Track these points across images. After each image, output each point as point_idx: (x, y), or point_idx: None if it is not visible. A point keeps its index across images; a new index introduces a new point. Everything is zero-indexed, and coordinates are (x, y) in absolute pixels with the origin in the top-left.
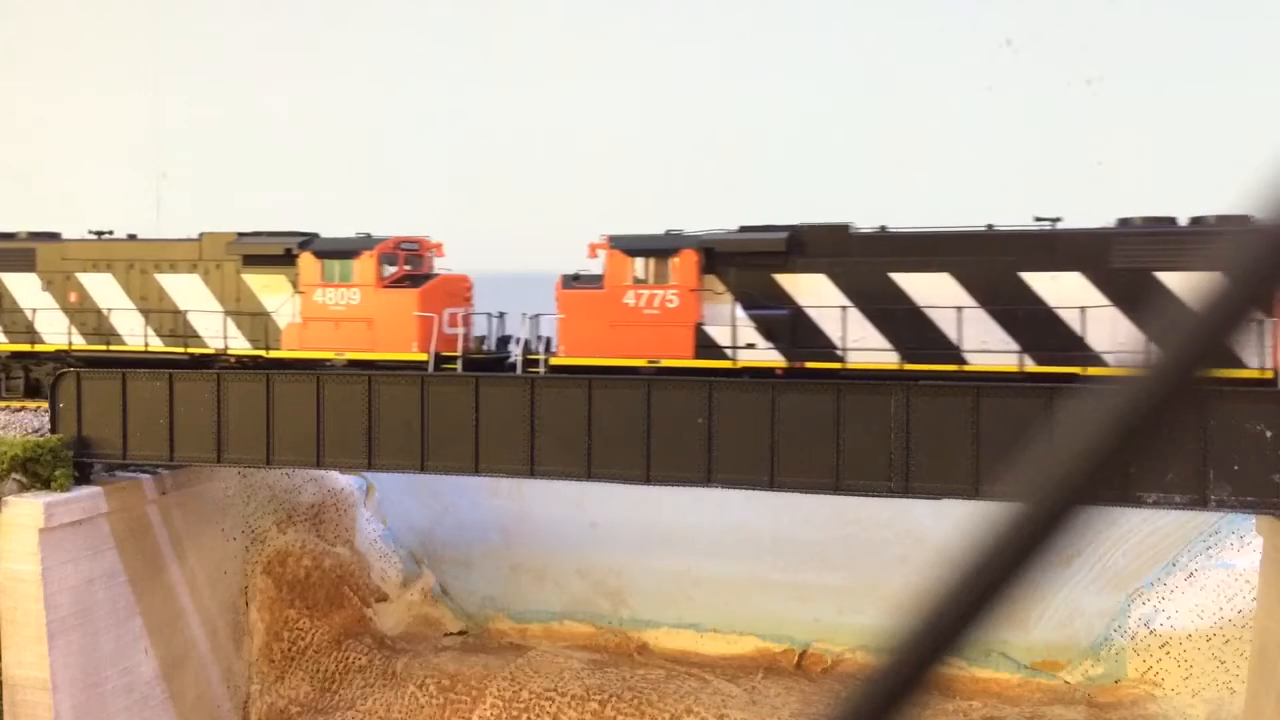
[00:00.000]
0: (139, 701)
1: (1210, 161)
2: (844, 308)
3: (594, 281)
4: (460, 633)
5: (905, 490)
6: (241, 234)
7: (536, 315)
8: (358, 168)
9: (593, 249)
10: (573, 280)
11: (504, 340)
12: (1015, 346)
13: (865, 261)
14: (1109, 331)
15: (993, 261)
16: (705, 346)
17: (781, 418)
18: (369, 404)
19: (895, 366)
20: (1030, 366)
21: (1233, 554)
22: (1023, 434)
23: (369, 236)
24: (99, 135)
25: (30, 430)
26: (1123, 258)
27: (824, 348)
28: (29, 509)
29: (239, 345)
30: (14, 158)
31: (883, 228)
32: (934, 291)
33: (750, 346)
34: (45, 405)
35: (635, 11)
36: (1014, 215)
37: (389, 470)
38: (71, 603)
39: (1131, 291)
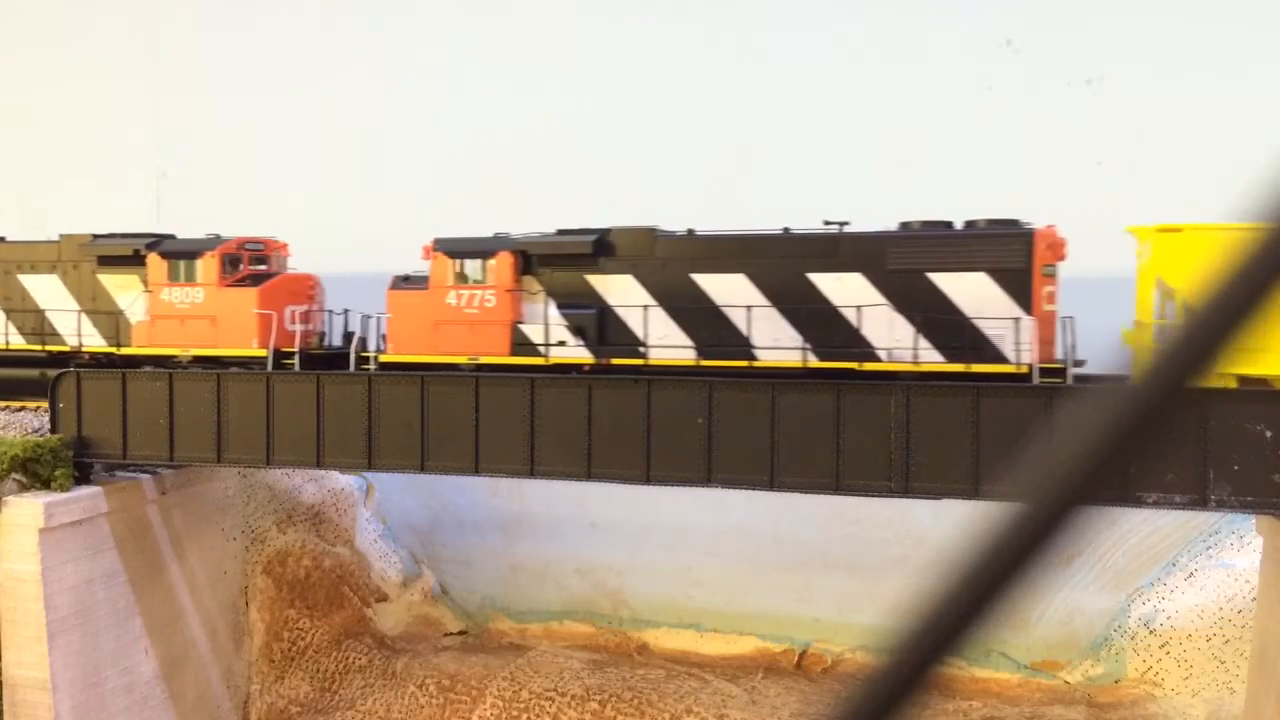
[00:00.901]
0: (139, 701)
1: (1210, 161)
2: (646, 307)
3: (422, 282)
4: (460, 633)
5: (905, 490)
6: (96, 235)
7: (369, 316)
8: (358, 167)
9: (425, 251)
10: (403, 281)
11: (349, 337)
12: (803, 343)
13: (669, 263)
14: (885, 328)
15: (783, 263)
16: (521, 344)
17: (781, 418)
18: (369, 404)
19: (692, 363)
20: (813, 362)
21: (1233, 554)
22: (1023, 434)
23: (217, 237)
24: (99, 135)
25: (30, 430)
26: (898, 259)
27: (628, 344)
28: (29, 509)
29: (94, 343)
30: (14, 158)
31: (691, 231)
32: (730, 291)
33: (561, 344)
34: (45, 405)
35: (634, 10)
36: (1013, 215)
37: (389, 470)
38: (71, 603)
39: (906, 291)
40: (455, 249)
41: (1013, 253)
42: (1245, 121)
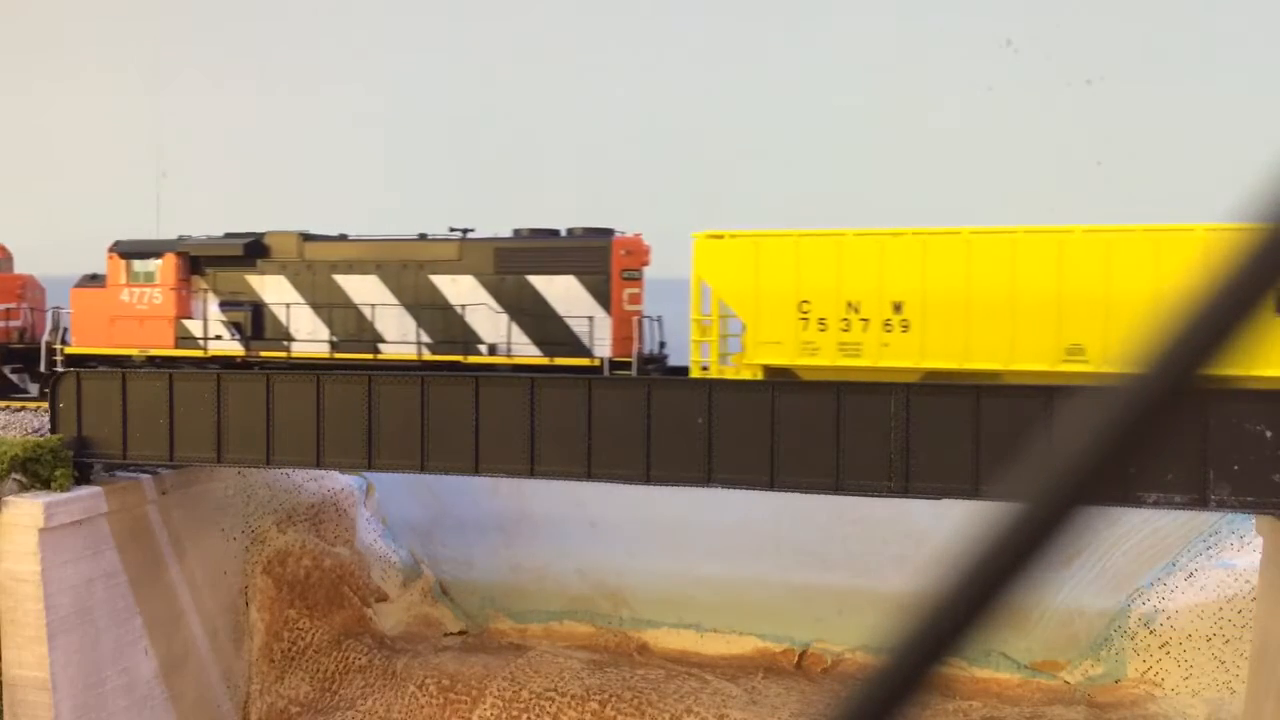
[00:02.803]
0: (139, 701)
1: (1210, 161)
2: (289, 305)
3: (103, 281)
4: (460, 633)
5: (905, 490)
6: None
7: (58, 308)
8: (358, 167)
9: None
10: (89, 280)
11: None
12: (426, 339)
13: (315, 265)
14: (492, 325)
15: (410, 265)
16: (183, 338)
17: (781, 418)
18: (369, 404)
19: (326, 356)
20: (427, 355)
21: (1233, 554)
22: (1023, 434)
23: None
24: (99, 135)
25: (30, 430)
26: (504, 264)
27: (275, 339)
28: (29, 509)
29: None
30: (14, 158)
31: (344, 236)
32: (366, 290)
33: (218, 338)
34: (45, 405)
35: (633, 9)
36: (1013, 215)
37: (389, 470)
38: (71, 603)
39: (511, 292)
40: (128, 250)
41: (595, 259)
42: (1245, 121)
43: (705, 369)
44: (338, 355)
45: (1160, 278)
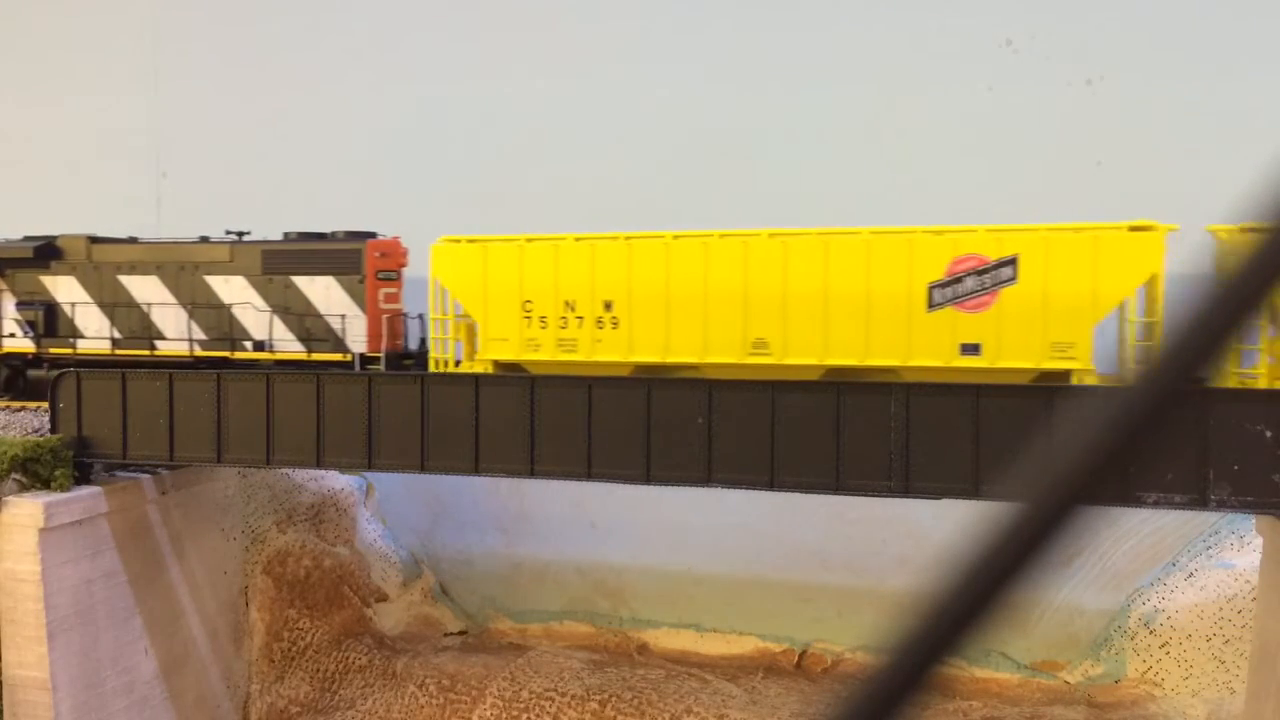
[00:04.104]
0: (139, 701)
1: (1210, 162)
2: (76, 304)
3: None
4: (460, 633)
5: (905, 490)
6: None
7: None
8: (359, 167)
9: None
10: None
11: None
12: (199, 336)
13: (102, 266)
14: (261, 324)
15: (187, 267)
16: None
17: (781, 418)
18: (369, 404)
19: (108, 353)
20: (199, 351)
21: (1233, 554)
22: (1023, 434)
23: None
24: (99, 135)
25: (30, 430)
26: (270, 265)
27: (65, 336)
28: (29, 509)
29: None
30: (14, 158)
31: (134, 238)
32: (147, 290)
33: (13, 335)
34: (45, 405)
35: (632, 8)
36: (1014, 215)
37: (389, 470)
38: (71, 603)
39: (278, 292)
40: None
41: (350, 261)
42: (1245, 121)
43: (458, 364)
44: (119, 352)
45: (829, 276)
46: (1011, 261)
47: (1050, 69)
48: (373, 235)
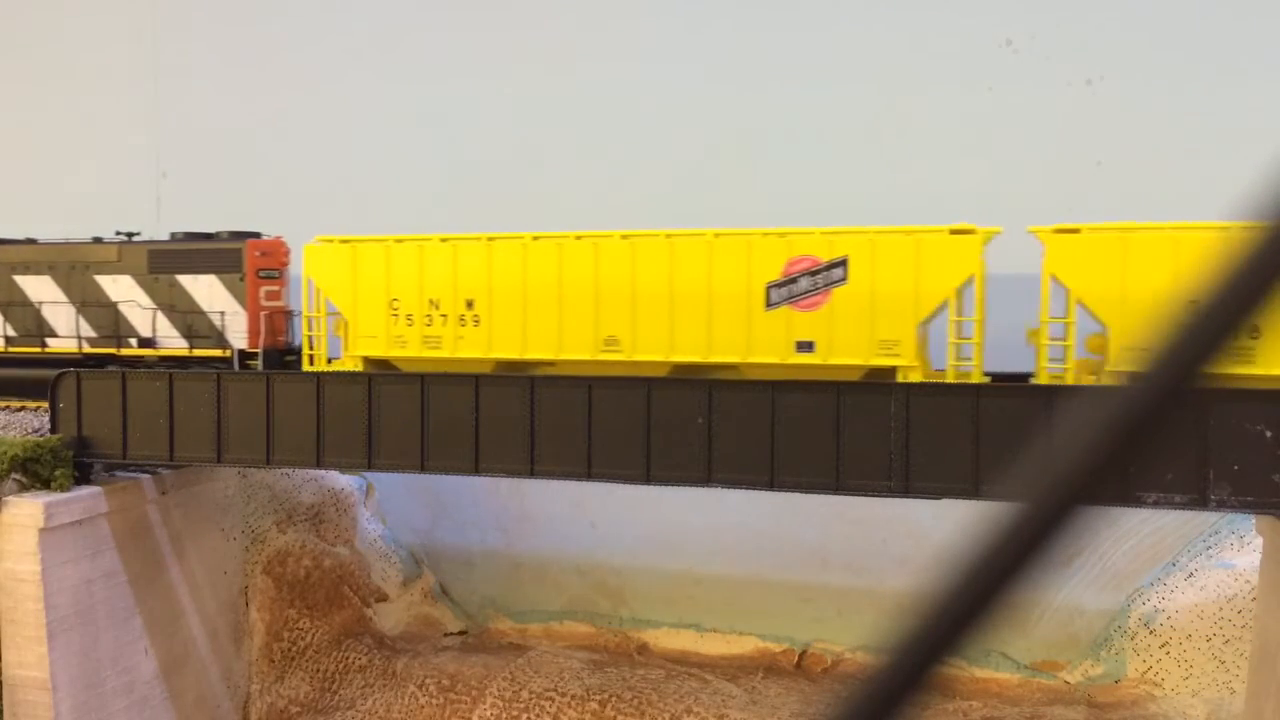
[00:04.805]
0: (139, 701)
1: (1210, 162)
2: None
3: None
4: (460, 633)
5: (905, 490)
6: None
7: None
8: (359, 168)
9: None
10: None
11: None
12: (88, 334)
13: None
14: (148, 321)
15: (78, 266)
16: None
17: (781, 418)
18: (369, 404)
19: (2, 350)
20: (88, 349)
21: (1233, 554)
22: (1023, 434)
23: None
24: (99, 135)
25: (30, 430)
26: (157, 264)
27: None
28: (29, 509)
29: None
30: (14, 158)
31: (31, 239)
32: (41, 290)
33: None
34: (45, 405)
35: (631, 9)
36: (1013, 215)
37: (389, 470)
38: (71, 603)
39: (165, 290)
40: None
41: (232, 260)
42: (1245, 121)
43: (330, 361)
44: (9, 349)
45: (675, 277)
46: (842, 263)
47: (1050, 69)
48: (257, 235)
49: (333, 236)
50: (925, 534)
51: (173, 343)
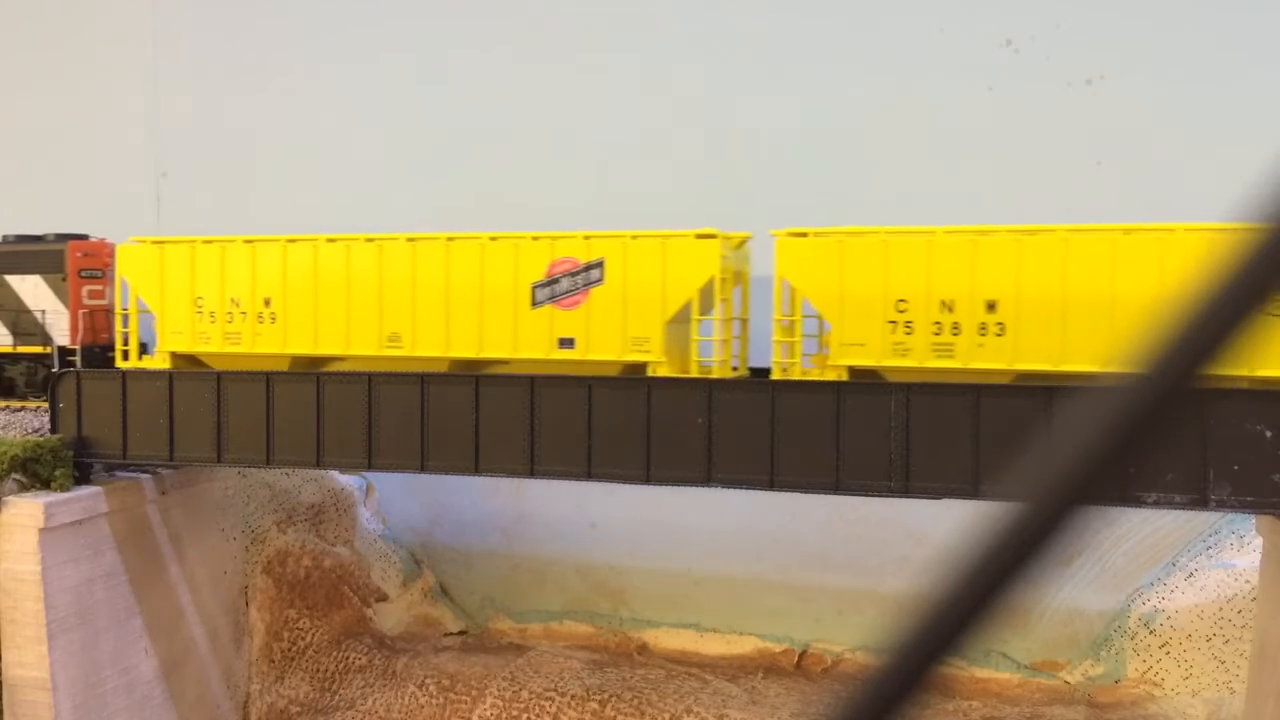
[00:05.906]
0: (139, 701)
1: (1210, 161)
2: None
3: None
4: (460, 633)
5: (905, 490)
6: None
7: None
8: (360, 168)
9: None
10: None
11: None
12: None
13: None
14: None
15: None
16: None
17: (781, 417)
18: (369, 404)
19: None
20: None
21: (1233, 554)
22: (1023, 434)
23: None
24: (99, 135)
25: (30, 430)
26: None
27: None
28: (29, 509)
29: None
30: (13, 158)
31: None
32: None
33: None
34: (45, 405)
35: (631, 9)
36: (1013, 215)
37: (389, 470)
38: (71, 603)
39: None
40: None
41: (54, 261)
42: (1245, 121)
43: (142, 357)
44: None
45: (450, 277)
46: (599, 264)
47: (1050, 69)
48: (84, 237)
49: (144, 238)
50: (925, 534)
51: (3, 340)
